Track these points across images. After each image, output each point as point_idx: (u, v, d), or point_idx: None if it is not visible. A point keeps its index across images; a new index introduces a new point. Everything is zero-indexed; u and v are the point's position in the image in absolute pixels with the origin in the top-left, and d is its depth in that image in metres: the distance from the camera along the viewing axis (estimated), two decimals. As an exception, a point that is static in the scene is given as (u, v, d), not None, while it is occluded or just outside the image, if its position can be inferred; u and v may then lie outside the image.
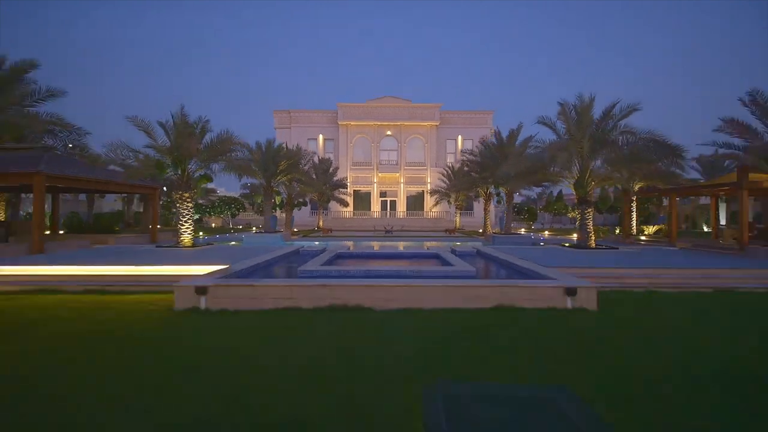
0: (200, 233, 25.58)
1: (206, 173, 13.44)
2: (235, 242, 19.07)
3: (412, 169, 45.69)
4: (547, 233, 30.69)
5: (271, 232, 21.26)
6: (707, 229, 31.39)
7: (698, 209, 36.86)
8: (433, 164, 45.11)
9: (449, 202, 34.11)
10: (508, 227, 22.87)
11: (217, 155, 13.07)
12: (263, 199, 22.01)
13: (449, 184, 31.84)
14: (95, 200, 34.22)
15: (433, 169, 44.32)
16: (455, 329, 5.08)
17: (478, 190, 25.46)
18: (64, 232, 21.06)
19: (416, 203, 46.28)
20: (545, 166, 13.15)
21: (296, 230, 29.64)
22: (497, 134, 22.91)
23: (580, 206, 13.03)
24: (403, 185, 45.81)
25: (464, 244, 17.50)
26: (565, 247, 13.87)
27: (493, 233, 22.35)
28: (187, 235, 12.65)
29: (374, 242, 19.97)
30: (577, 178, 12.90)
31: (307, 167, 27.49)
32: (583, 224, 12.92)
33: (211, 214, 42.56)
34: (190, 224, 12.81)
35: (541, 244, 17.02)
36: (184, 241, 12.62)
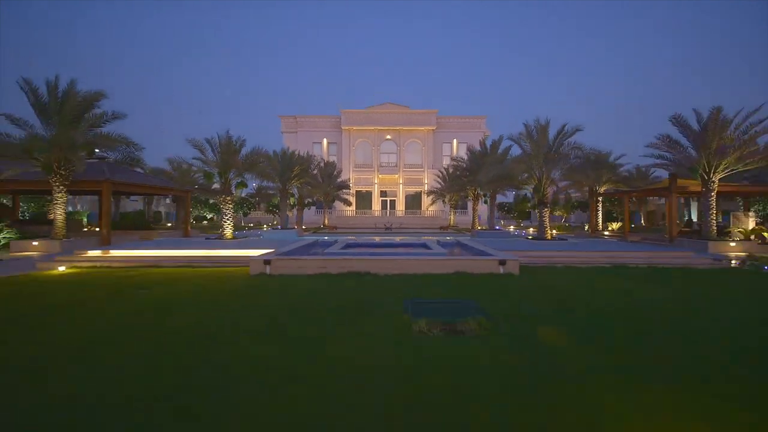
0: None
1: (242, 180, 16.86)
2: (255, 237, 22.48)
3: (410, 170, 49.07)
4: (532, 229, 34.05)
5: (285, 228, 24.69)
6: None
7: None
8: (429, 166, 48.50)
9: (444, 201, 37.39)
10: (491, 224, 26.32)
11: (250, 166, 16.48)
12: (279, 200, 25.42)
13: (444, 185, 35.05)
14: (120, 200, 37.66)
15: (429, 170, 47.71)
16: (426, 282, 8.49)
17: (467, 191, 28.87)
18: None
19: (414, 202, 49.68)
20: (510, 174, 16.59)
21: (305, 227, 33.03)
22: (482, 143, 26.32)
23: (538, 207, 16.48)
24: (401, 186, 49.19)
25: (452, 238, 20.84)
26: (528, 239, 17.30)
27: (478, 229, 25.79)
28: (228, 229, 16.13)
29: (376, 236, 23.35)
30: (535, 184, 16.34)
31: (315, 171, 30.92)
32: (540, 221, 16.37)
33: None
34: (230, 221, 16.28)
35: (513, 236, 20.39)
36: (226, 234, 16.10)
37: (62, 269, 10.21)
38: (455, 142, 50.00)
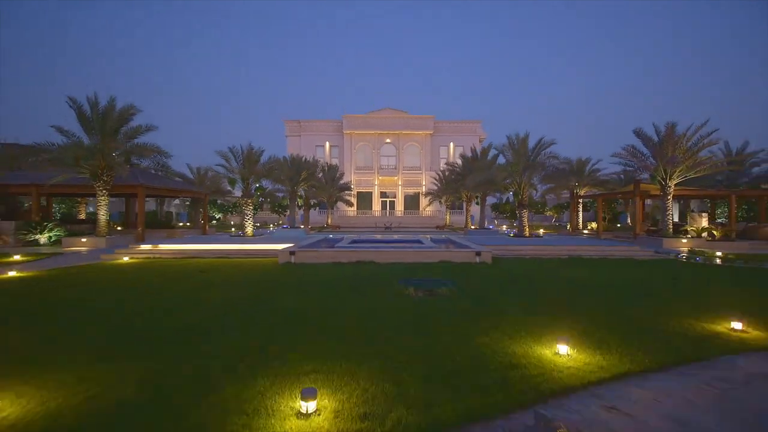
0: (232, 228, 31.53)
1: (260, 185, 19.33)
2: (269, 235, 24.95)
3: (408, 172, 51.58)
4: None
5: (294, 227, 27.17)
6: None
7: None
8: (427, 168, 51.01)
9: (440, 202, 39.87)
10: (482, 223, 28.81)
11: (268, 173, 18.95)
12: (289, 201, 27.89)
13: (440, 187, 37.47)
14: (134, 202, 40.16)
15: (427, 172, 50.21)
16: (417, 268, 10.97)
17: (461, 193, 31.33)
18: (121, 228, 27.00)
19: (413, 203, 52.18)
20: (494, 180, 19.11)
21: (310, 227, 35.52)
22: (473, 149, 28.82)
23: (518, 208, 18.98)
24: (401, 187, 51.70)
25: (446, 236, 23.31)
26: (509, 236, 19.79)
27: (471, 228, 28.28)
28: (250, 227, 18.64)
29: (377, 234, 25.82)
30: (515, 188, 18.84)
31: (320, 174, 33.40)
32: (519, 220, 18.88)
33: (232, 212, 48.47)
34: (251, 221, 18.78)
35: (499, 234, 22.85)
36: (248, 232, 18.61)
37: (126, 259, 12.69)
38: (452, 145, 52.55)
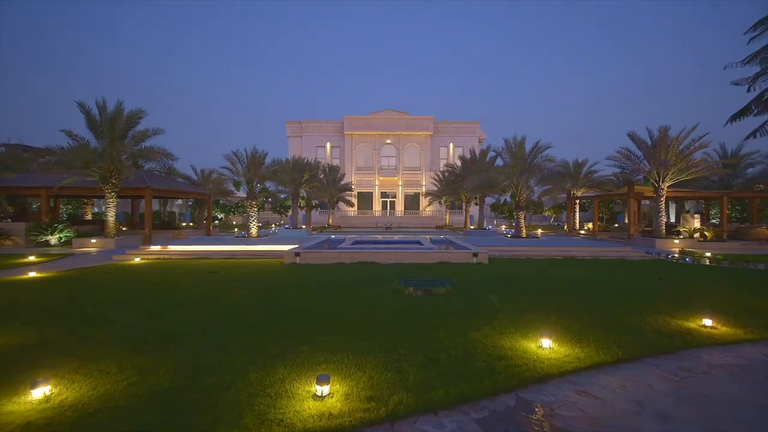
0: (235, 229, 32.06)
1: (264, 187, 19.85)
2: (272, 235, 25.48)
3: (409, 173, 52.09)
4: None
5: (296, 228, 27.69)
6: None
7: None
8: (427, 169, 51.53)
9: (440, 202, 40.38)
10: (481, 224, 29.34)
11: (272, 175, 19.46)
12: (291, 202, 28.40)
13: (440, 187, 37.97)
14: (139, 202, 40.69)
15: (427, 173, 50.73)
16: (417, 268, 11.49)
17: (460, 194, 31.83)
18: (126, 228, 27.51)
19: (413, 203, 52.68)
20: (492, 182, 19.63)
21: (312, 227, 36.03)
22: (472, 151, 29.32)
23: (515, 209, 19.50)
24: (401, 187, 52.21)
25: (445, 236, 23.83)
26: (507, 237, 20.31)
27: (470, 228, 28.80)
28: (254, 229, 19.17)
29: (378, 235, 26.35)
30: (513, 191, 19.37)
31: (321, 176, 33.89)
32: (516, 221, 19.40)
33: (234, 213, 49.01)
34: (255, 222, 19.30)
35: (497, 235, 23.37)
36: (252, 233, 19.13)
37: (137, 260, 13.23)
38: (452, 146, 53.05)
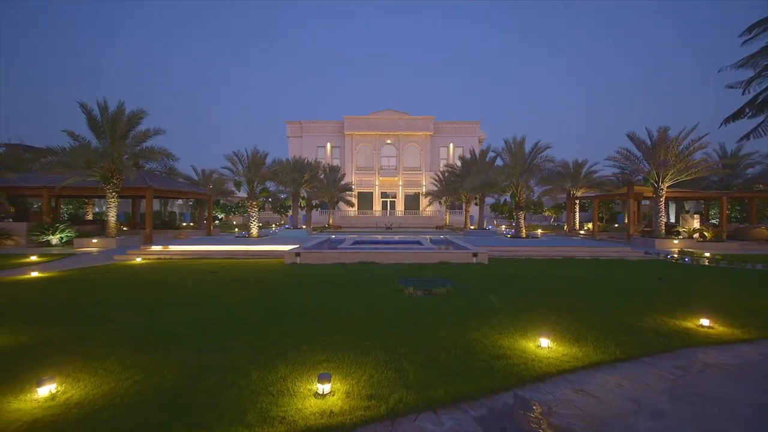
0: (236, 229, 32.12)
1: (264, 188, 19.91)
2: (272, 235, 25.52)
3: (409, 173, 52.14)
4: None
5: (296, 228, 27.74)
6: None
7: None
8: (427, 169, 51.58)
9: (440, 203, 40.42)
10: (481, 224, 29.39)
11: (272, 176, 19.51)
12: (292, 202, 28.46)
13: (440, 188, 38.01)
14: (140, 202, 40.76)
15: (427, 173, 50.78)
16: (417, 268, 11.54)
17: (460, 194, 31.87)
18: (127, 228, 27.56)
19: (413, 203, 52.73)
20: (492, 182, 19.68)
21: (312, 227, 36.07)
22: (472, 151, 29.37)
23: (514, 210, 19.56)
24: (401, 187, 52.26)
25: (445, 236, 23.88)
26: (506, 237, 20.37)
27: (470, 228, 28.85)
28: (254, 229, 19.22)
29: (378, 235, 26.40)
30: (513, 191, 19.42)
31: (321, 176, 33.94)
32: (516, 221, 19.45)
33: (234, 213, 49.07)
34: (256, 222, 19.36)
35: (497, 235, 23.42)
36: (253, 233, 19.19)
37: (139, 260, 13.29)
38: (452, 146, 53.10)
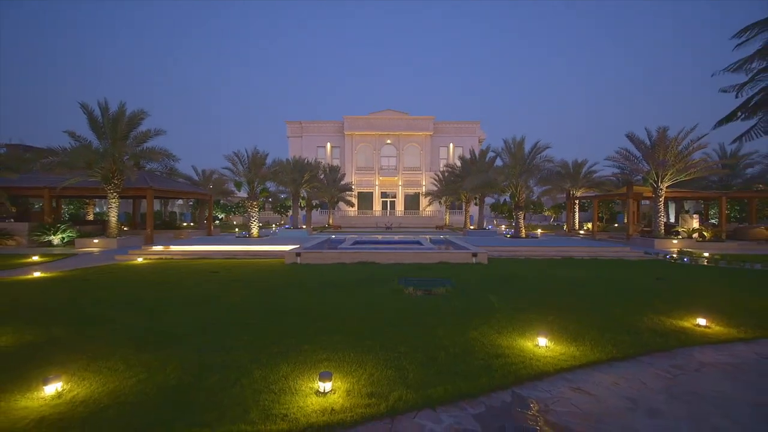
0: (236, 229, 32.19)
1: (264, 188, 19.97)
2: (273, 236, 25.57)
3: (409, 173, 52.18)
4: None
5: (296, 228, 27.79)
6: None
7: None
8: (427, 169, 51.63)
9: (440, 202, 40.47)
10: (480, 224, 29.45)
11: (273, 176, 19.57)
12: (292, 202, 28.52)
13: (439, 188, 38.04)
14: (140, 202, 40.82)
15: (427, 173, 50.83)
16: (417, 268, 11.60)
17: (460, 194, 31.92)
18: (128, 228, 27.62)
19: (413, 203, 52.78)
20: (492, 182, 19.74)
21: (312, 227, 36.12)
22: (471, 151, 29.42)
23: (514, 210, 19.61)
24: (401, 187, 52.30)
25: (444, 236, 23.94)
26: (506, 237, 20.42)
27: (470, 228, 28.90)
28: (255, 229, 19.28)
29: (378, 235, 26.45)
30: (512, 191, 19.47)
31: (321, 176, 34.00)
32: (516, 221, 19.52)
33: (234, 213, 49.14)
34: (256, 222, 19.42)
35: (497, 235, 23.49)
36: (253, 233, 19.25)
37: (140, 260, 13.35)
38: (452, 146, 53.14)
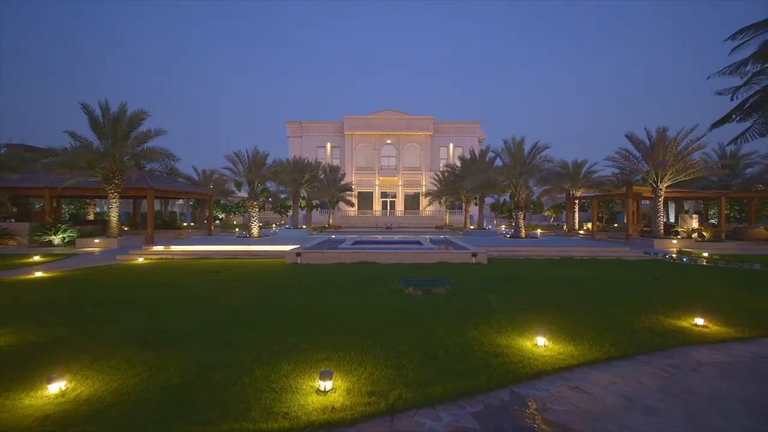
0: (236, 229, 32.22)
1: (265, 188, 20.01)
2: (273, 236, 25.60)
3: (409, 173, 52.22)
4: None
5: (297, 228, 27.83)
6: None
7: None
8: (427, 169, 51.67)
9: (440, 202, 40.51)
10: (480, 224, 29.49)
11: (273, 176, 19.61)
12: (292, 202, 28.57)
13: (439, 188, 38.07)
14: (141, 202, 40.86)
15: (427, 173, 50.87)
16: (417, 268, 11.64)
17: (460, 194, 31.96)
18: (128, 228, 27.64)
19: (413, 203, 52.82)
20: (492, 182, 19.78)
21: (312, 227, 36.15)
22: (471, 152, 29.46)
23: (514, 210, 19.66)
24: (401, 187, 52.34)
25: (444, 236, 23.97)
26: (506, 237, 20.47)
27: (470, 228, 28.94)
28: (255, 229, 19.32)
29: (378, 235, 26.49)
30: (512, 191, 19.52)
31: (322, 176, 34.03)
32: (516, 221, 19.56)
33: (235, 213, 49.18)
34: (257, 222, 19.46)
35: (497, 235, 23.53)
36: (253, 233, 19.28)
37: (141, 260, 13.39)
38: (452, 146, 53.18)
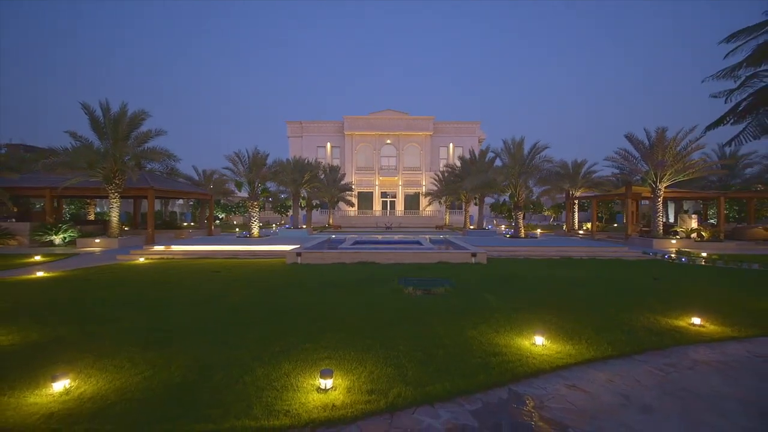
0: (236, 229, 32.27)
1: (265, 188, 20.06)
2: (273, 235, 25.65)
3: (409, 173, 52.27)
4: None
5: (297, 228, 27.88)
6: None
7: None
8: (427, 169, 51.73)
9: (440, 202, 40.57)
10: (480, 224, 29.54)
11: (273, 176, 19.66)
12: (292, 202, 28.61)
13: (439, 187, 38.13)
14: (141, 202, 40.91)
15: (427, 173, 50.93)
16: (416, 268, 11.69)
17: (460, 194, 32.01)
18: (129, 228, 27.69)
19: (413, 203, 52.88)
20: (491, 183, 19.83)
21: (312, 227, 36.20)
22: (471, 152, 29.51)
23: (513, 210, 19.71)
24: (401, 187, 52.40)
25: (444, 236, 24.03)
26: (505, 237, 20.52)
27: (470, 228, 28.99)
28: (255, 229, 19.37)
29: (378, 235, 26.54)
30: (511, 191, 19.57)
31: (322, 176, 34.08)
32: (515, 221, 19.62)
33: (235, 213, 49.23)
34: (257, 222, 19.51)
35: (497, 235, 23.58)
36: (254, 233, 19.34)
37: (142, 260, 13.44)
38: (452, 146, 53.24)
